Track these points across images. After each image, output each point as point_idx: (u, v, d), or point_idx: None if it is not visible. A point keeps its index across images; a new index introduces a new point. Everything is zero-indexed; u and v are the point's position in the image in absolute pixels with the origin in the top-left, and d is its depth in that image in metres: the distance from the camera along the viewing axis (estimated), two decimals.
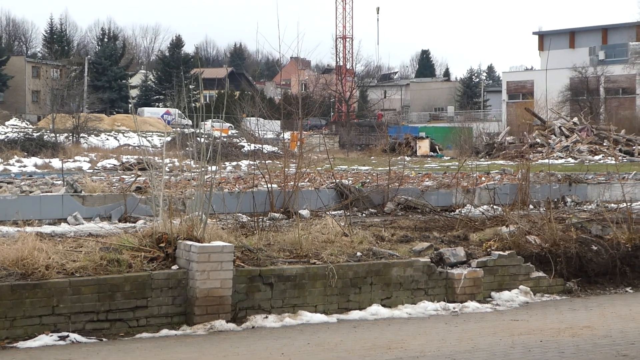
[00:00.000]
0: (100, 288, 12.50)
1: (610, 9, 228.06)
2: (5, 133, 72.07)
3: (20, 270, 12.24)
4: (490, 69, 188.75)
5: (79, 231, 17.46)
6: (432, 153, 67.33)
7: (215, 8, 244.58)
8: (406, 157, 52.53)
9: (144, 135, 67.79)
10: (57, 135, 65.53)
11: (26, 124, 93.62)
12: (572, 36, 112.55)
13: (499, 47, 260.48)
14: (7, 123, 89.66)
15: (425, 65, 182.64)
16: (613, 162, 44.32)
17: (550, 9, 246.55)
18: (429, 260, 15.24)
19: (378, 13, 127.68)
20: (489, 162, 45.31)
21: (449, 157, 61.44)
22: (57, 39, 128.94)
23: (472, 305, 14.78)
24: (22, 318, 12.01)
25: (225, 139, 55.88)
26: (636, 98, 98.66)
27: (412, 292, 14.79)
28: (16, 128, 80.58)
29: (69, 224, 19.28)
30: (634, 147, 58.80)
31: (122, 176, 32.46)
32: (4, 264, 12.30)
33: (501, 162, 49.26)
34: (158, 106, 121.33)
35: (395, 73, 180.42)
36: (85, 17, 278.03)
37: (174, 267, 13.26)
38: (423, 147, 68.46)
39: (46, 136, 63.48)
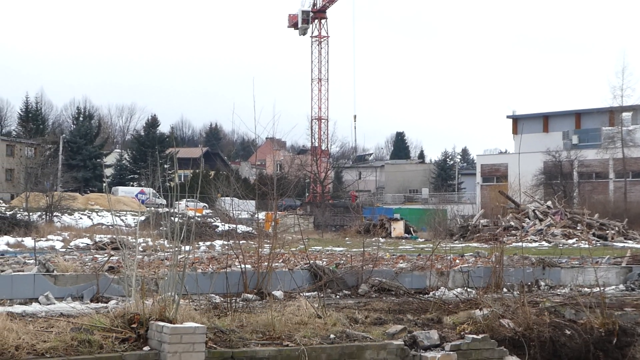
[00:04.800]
0: None
1: (583, 94, 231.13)
2: None
3: None
4: (465, 152, 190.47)
5: (50, 311, 17.29)
6: (406, 235, 67.31)
7: (192, 88, 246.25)
8: (380, 238, 52.61)
9: (118, 214, 67.66)
10: (30, 213, 65.28)
11: None
12: (545, 120, 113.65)
13: (474, 130, 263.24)
14: None
15: (400, 147, 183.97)
16: (586, 246, 44.47)
17: (524, 93, 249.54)
18: (403, 343, 15.16)
19: (355, 121, 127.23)
20: (463, 245, 45.39)
21: (423, 239, 61.42)
22: (32, 117, 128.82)
23: None
24: None
25: (199, 219, 55.78)
26: (609, 182, 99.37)
27: None
28: None
29: (41, 304, 19.09)
30: (607, 232, 59.03)
31: (95, 255, 32.26)
32: None
33: (475, 244, 49.29)
34: (132, 185, 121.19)
35: (370, 154, 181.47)
36: (61, 96, 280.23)
37: (146, 348, 13.13)
38: (397, 228, 68.46)
39: (19, 215, 63.20)
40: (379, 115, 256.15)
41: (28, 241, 45.96)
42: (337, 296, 22.53)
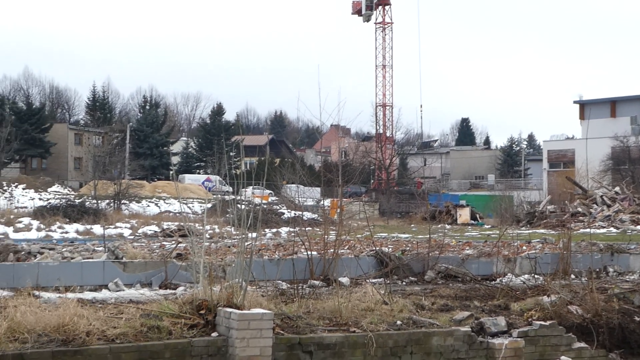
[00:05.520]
0: (141, 355, 12.50)
1: None
2: (48, 199, 72.76)
3: (61, 337, 12.28)
4: (531, 138, 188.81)
5: (119, 297, 17.51)
6: (472, 221, 66.98)
7: (256, 76, 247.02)
8: (447, 225, 52.35)
9: (185, 201, 68.21)
10: (99, 201, 65.96)
11: (68, 190, 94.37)
12: (613, 105, 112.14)
13: (540, 115, 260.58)
14: (49, 189, 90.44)
15: (465, 133, 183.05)
16: None
17: (592, 78, 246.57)
18: (470, 329, 15.13)
19: (421, 110, 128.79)
20: (530, 231, 45.06)
21: (489, 226, 61.06)
22: (100, 106, 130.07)
23: None
24: None
25: (265, 206, 56.01)
26: None
27: None
28: (58, 194, 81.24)
29: (110, 291, 19.34)
30: None
31: (163, 243, 32.55)
32: (45, 330, 12.36)
33: (542, 231, 48.92)
34: (199, 173, 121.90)
35: (436, 141, 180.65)
36: (127, 85, 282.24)
37: (214, 334, 13.26)
38: (463, 215, 68.14)
39: (88, 203, 63.89)
40: (444, 101, 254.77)
41: (97, 229, 46.55)
42: (403, 283, 22.53)
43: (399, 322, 14.98)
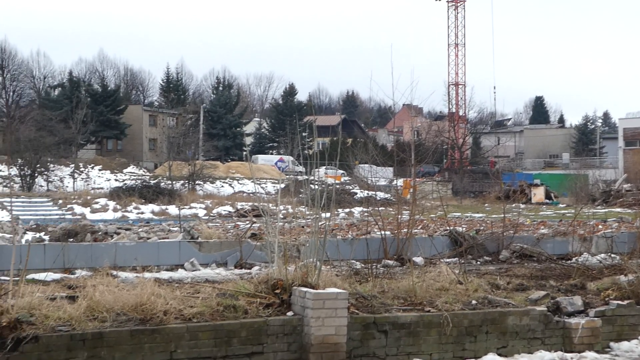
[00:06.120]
0: (217, 334, 12.61)
1: None
2: (123, 180, 73.73)
3: (139, 316, 12.44)
4: (606, 116, 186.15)
5: (195, 277, 17.69)
6: (547, 200, 66.45)
7: (328, 56, 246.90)
8: (521, 204, 51.99)
9: (259, 182, 68.60)
10: (174, 182, 66.62)
11: (143, 171, 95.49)
12: None
13: (615, 93, 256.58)
14: (125, 171, 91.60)
15: (539, 111, 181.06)
16: None
17: None
18: (546, 309, 15.02)
19: (495, 92, 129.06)
20: (605, 210, 44.63)
21: (564, 205, 60.53)
22: (173, 87, 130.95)
23: (590, 355, 14.47)
24: None
25: (338, 186, 56.09)
26: None
27: (528, 341, 14.59)
28: (134, 175, 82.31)
29: (186, 270, 19.55)
30: None
31: (237, 223, 32.83)
32: (123, 309, 12.53)
33: (618, 209, 48.39)
34: (272, 153, 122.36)
35: (509, 120, 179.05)
36: (200, 67, 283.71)
37: (289, 313, 13.33)
38: (538, 194, 67.60)
39: (163, 183, 64.59)
40: (518, 79, 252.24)
41: (172, 209, 47.14)
42: (478, 262, 22.46)
43: (474, 302, 14.93)
